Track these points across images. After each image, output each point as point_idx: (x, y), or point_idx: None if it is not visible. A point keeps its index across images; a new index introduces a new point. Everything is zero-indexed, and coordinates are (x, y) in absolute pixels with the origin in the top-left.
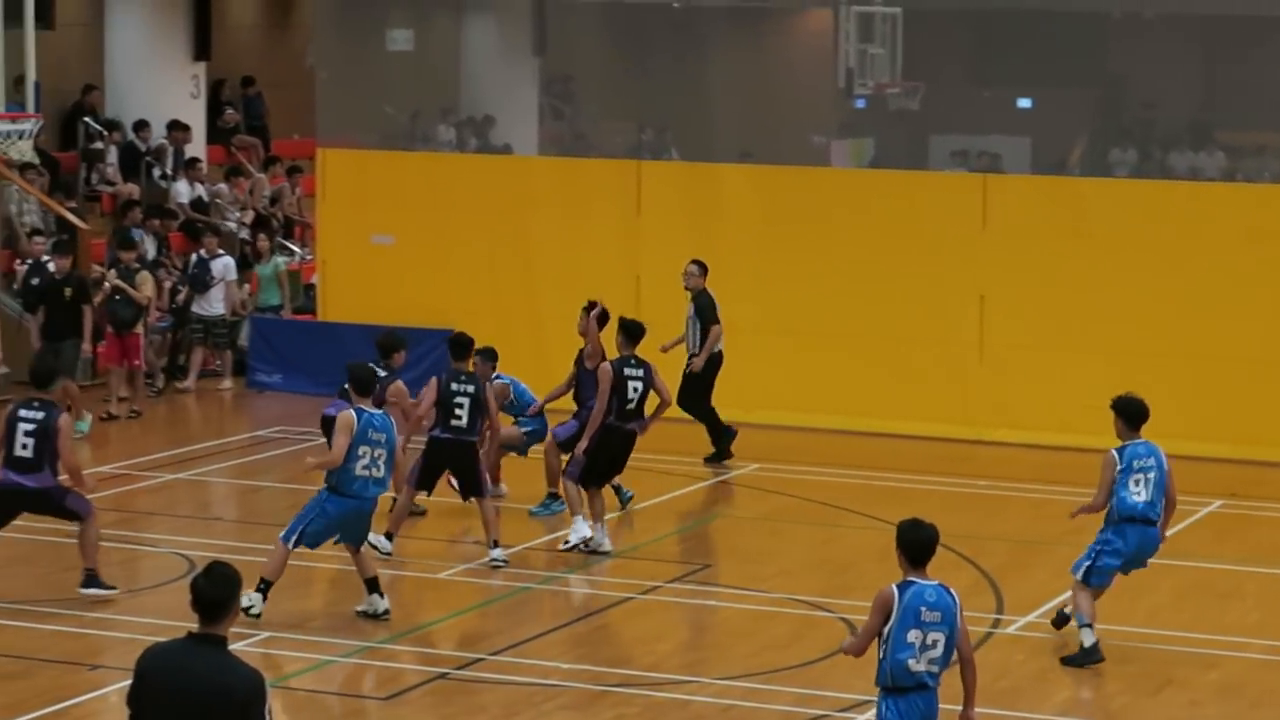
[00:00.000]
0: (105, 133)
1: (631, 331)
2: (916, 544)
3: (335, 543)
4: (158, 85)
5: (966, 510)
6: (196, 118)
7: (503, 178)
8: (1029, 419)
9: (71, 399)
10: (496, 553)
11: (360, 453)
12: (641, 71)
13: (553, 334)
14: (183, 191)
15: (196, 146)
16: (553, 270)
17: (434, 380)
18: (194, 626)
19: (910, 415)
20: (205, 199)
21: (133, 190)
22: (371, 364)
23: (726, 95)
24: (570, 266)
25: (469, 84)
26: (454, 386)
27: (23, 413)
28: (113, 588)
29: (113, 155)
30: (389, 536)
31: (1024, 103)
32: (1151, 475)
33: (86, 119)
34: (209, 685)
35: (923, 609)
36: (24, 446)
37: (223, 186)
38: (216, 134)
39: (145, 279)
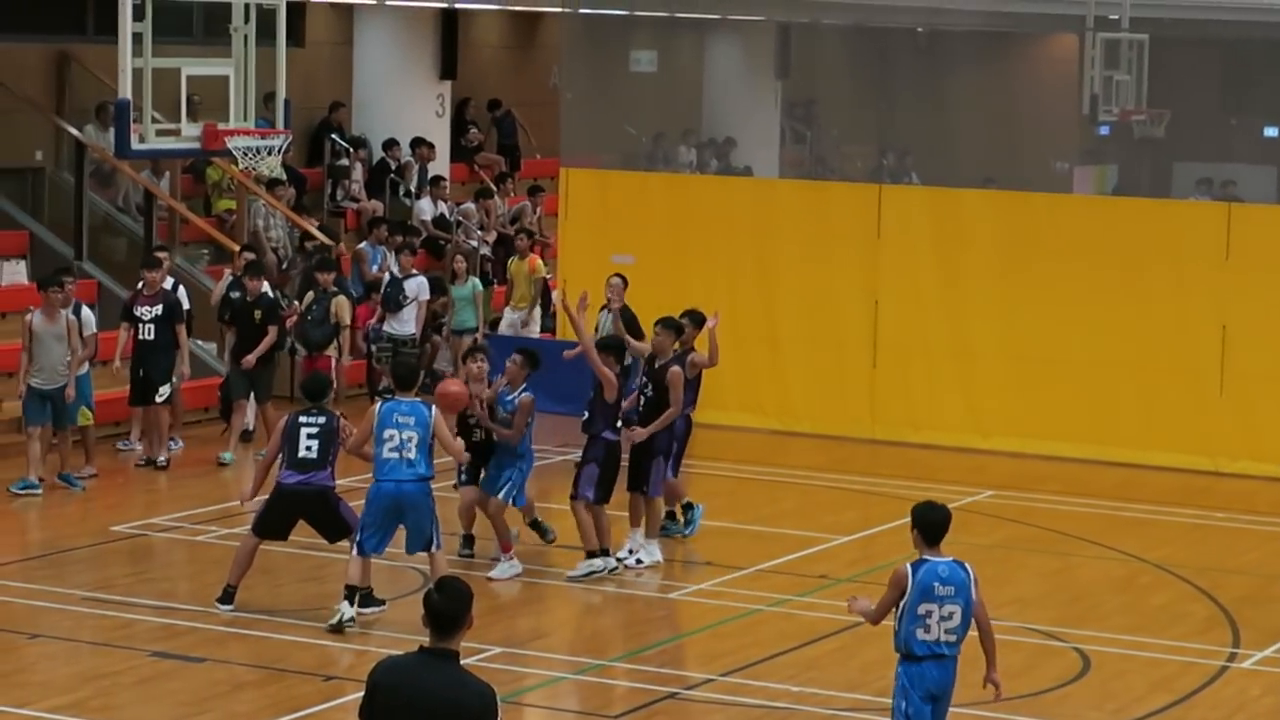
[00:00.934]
0: (351, 150)
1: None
2: (932, 524)
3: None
4: (403, 103)
5: (1205, 542)
6: (441, 136)
7: (743, 200)
8: (1271, 451)
9: (267, 423)
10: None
11: (386, 435)
12: (883, 95)
13: (790, 356)
14: (426, 209)
15: (440, 165)
16: (792, 293)
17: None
18: (425, 641)
19: (1150, 445)
20: (448, 216)
21: (377, 207)
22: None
23: (969, 120)
24: (809, 290)
25: (711, 106)
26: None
27: (303, 419)
28: (383, 603)
29: (358, 172)
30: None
31: (1271, 131)
32: None
33: (333, 135)
34: (442, 700)
35: (936, 584)
36: (308, 448)
37: (469, 205)
38: (460, 152)
39: (342, 303)
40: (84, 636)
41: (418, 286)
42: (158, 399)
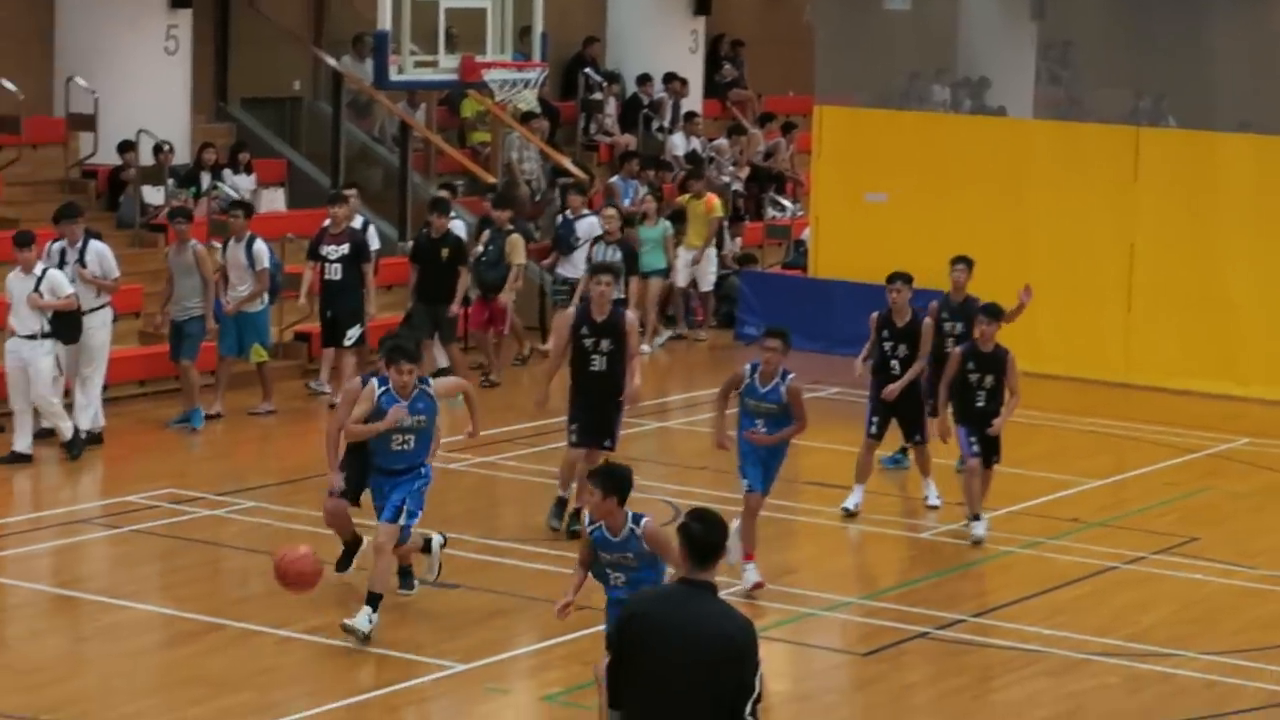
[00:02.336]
0: (605, 84)
1: None
2: None
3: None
4: (657, 39)
5: None
6: (694, 72)
7: (997, 140)
8: None
9: (454, 363)
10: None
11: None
12: (1140, 37)
13: (1041, 298)
14: (678, 144)
15: (693, 100)
16: (1046, 235)
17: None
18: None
19: None
20: (700, 152)
21: (630, 141)
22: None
23: (1227, 63)
24: (1063, 232)
25: (966, 45)
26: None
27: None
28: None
29: (611, 106)
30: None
31: None
32: None
33: (587, 70)
34: (709, 631)
35: None
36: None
37: (723, 142)
38: (713, 89)
39: (516, 242)
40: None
41: (589, 227)
42: (346, 342)
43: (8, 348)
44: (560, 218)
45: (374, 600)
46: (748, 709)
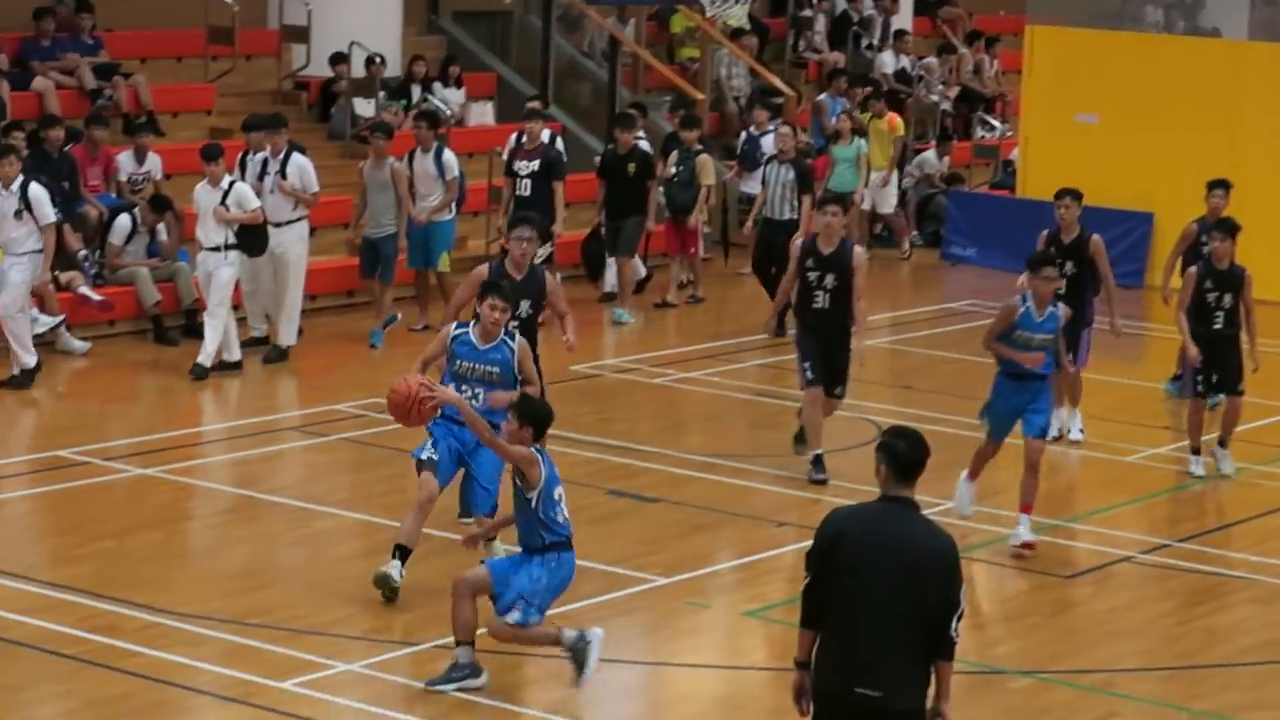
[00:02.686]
0: (815, 1)
1: None
2: None
3: None
4: None
5: None
6: None
7: (1210, 62)
8: None
9: (622, 279)
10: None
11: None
12: None
13: (1256, 223)
14: (887, 62)
15: (903, 18)
16: (1258, 159)
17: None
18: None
19: None
20: (909, 70)
21: (838, 59)
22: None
23: None
24: (1277, 156)
25: None
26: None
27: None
28: None
29: (821, 24)
30: None
31: None
32: None
33: None
34: (918, 547)
35: None
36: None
37: (932, 60)
38: (923, 6)
39: (705, 163)
40: None
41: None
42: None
43: (198, 260)
44: (744, 134)
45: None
46: (953, 625)
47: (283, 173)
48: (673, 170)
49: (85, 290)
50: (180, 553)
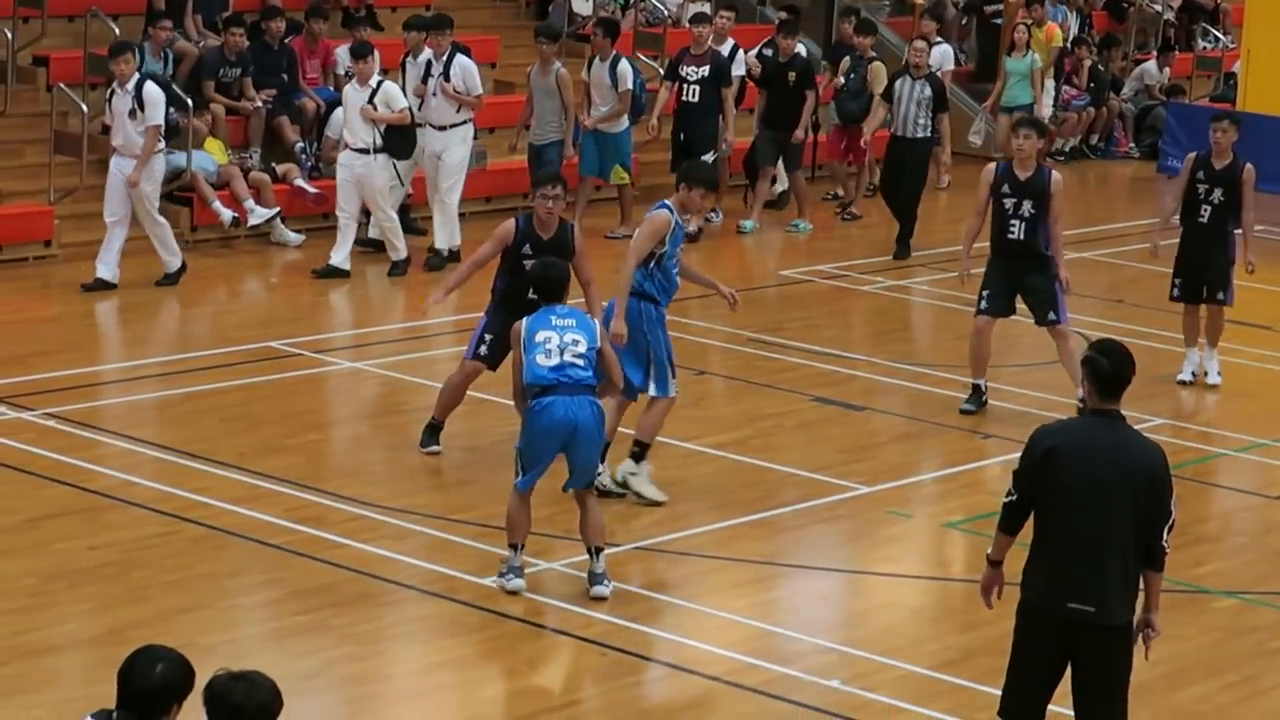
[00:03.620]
0: None
1: None
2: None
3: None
4: None
5: None
6: None
7: None
8: None
9: (798, 192)
10: None
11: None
12: None
13: None
14: None
15: None
16: None
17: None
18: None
19: None
20: None
21: None
22: None
23: None
24: None
25: None
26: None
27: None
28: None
29: None
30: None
31: None
32: None
33: None
34: (1130, 459)
35: None
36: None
37: None
38: None
39: (878, 70)
40: (752, 377)
41: (941, 56)
42: (712, 156)
43: (340, 160)
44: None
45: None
46: (1164, 535)
47: (445, 75)
48: (841, 79)
49: (301, 183)
50: (389, 446)
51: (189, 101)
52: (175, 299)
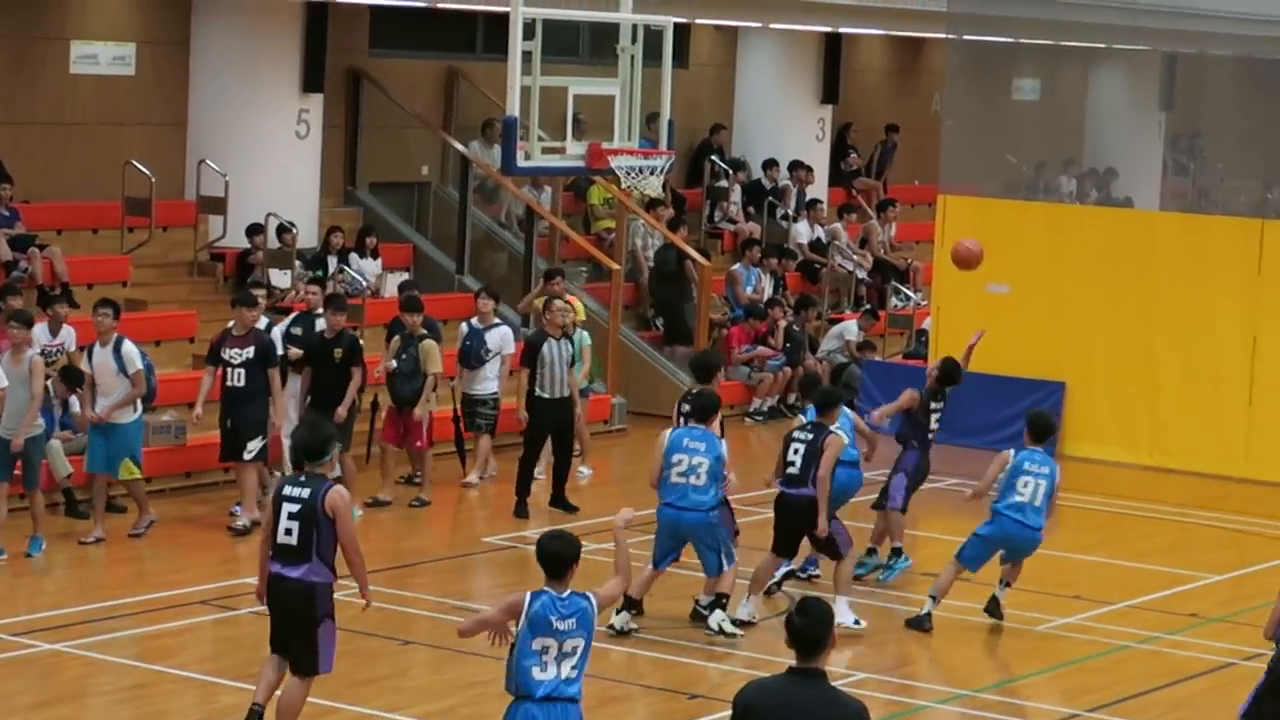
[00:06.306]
0: (730, 171)
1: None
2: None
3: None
4: (784, 126)
5: None
6: (820, 160)
7: (1123, 231)
8: None
9: (346, 472)
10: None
11: (675, 460)
12: (1271, 128)
13: (1166, 391)
14: (803, 232)
15: (818, 188)
16: (1170, 327)
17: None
18: (792, 662)
19: None
20: (824, 240)
21: (754, 229)
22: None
23: None
24: (1187, 324)
25: (1093, 136)
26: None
27: (288, 490)
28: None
29: (736, 193)
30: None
31: None
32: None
33: (713, 157)
34: (825, 717)
35: None
36: (288, 532)
37: (838, 225)
38: (838, 177)
39: (430, 349)
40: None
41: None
42: (246, 455)
43: None
44: (465, 326)
45: None
46: None
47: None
48: (393, 362)
49: None
50: None
51: None
52: None
